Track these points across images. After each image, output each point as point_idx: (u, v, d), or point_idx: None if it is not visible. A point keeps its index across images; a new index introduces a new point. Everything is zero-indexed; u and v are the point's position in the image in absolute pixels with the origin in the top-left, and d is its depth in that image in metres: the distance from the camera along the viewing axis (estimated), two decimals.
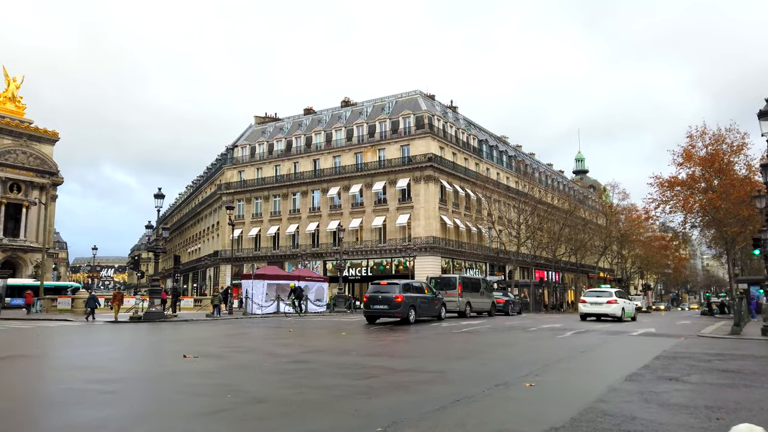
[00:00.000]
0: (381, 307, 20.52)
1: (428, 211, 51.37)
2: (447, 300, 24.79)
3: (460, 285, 26.48)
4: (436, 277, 28.73)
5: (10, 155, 63.36)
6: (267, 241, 59.82)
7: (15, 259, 64.20)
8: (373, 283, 22.46)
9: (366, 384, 7.83)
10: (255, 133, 65.63)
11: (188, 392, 7.31)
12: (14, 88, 66.35)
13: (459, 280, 27.03)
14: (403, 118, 54.29)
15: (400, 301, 20.15)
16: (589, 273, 76.21)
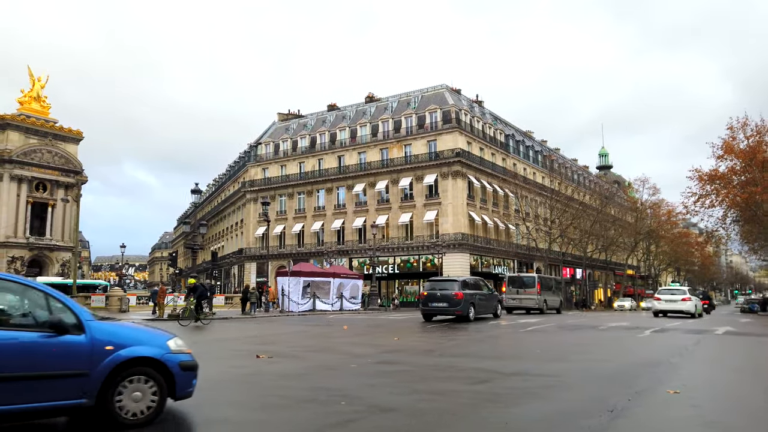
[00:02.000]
0: (440, 304, 20.08)
1: (456, 207, 50.52)
2: (526, 297, 26.10)
3: (539, 284, 27.66)
4: (514, 276, 29.85)
5: (35, 154, 63.57)
6: (292, 239, 59.39)
7: (42, 258, 64.48)
8: (429, 281, 22.28)
9: (487, 389, 7.15)
10: (278, 130, 65.21)
11: (290, 397, 6.68)
12: (39, 88, 66.55)
13: (538, 280, 28.18)
14: (430, 112, 53.46)
15: (460, 298, 19.69)
16: (615, 270, 74.95)
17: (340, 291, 32.53)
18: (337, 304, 32.10)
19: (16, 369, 4.46)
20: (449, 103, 53.05)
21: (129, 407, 4.93)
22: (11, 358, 4.45)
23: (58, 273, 63.14)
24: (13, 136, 62.49)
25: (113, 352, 4.91)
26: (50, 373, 4.63)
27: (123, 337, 5.16)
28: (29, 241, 63.05)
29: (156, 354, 5.20)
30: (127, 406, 4.92)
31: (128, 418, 4.90)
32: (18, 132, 62.86)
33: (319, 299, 30.84)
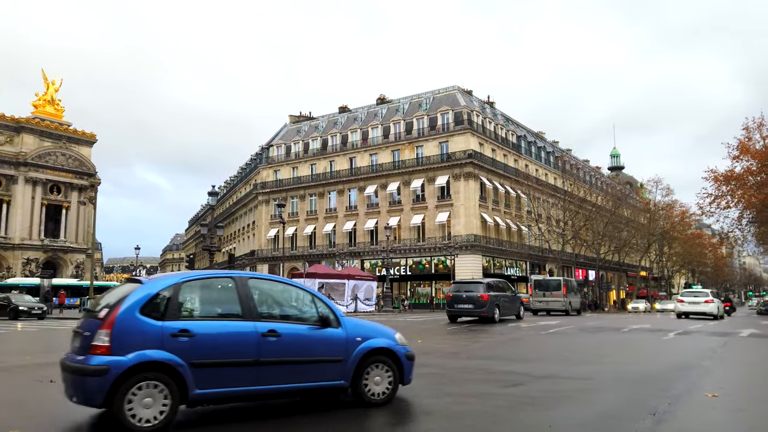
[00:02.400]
0: (466, 306, 20.56)
1: (468, 209, 50.43)
2: (552, 300, 27.31)
3: (564, 287, 28.66)
4: (540, 279, 30.85)
5: (50, 157, 64.23)
6: (303, 241, 59.53)
7: (56, 260, 65.06)
8: (455, 282, 22.94)
9: (521, 392, 7.14)
10: (290, 132, 65.44)
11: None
12: (53, 91, 67.28)
13: (564, 282, 29.20)
14: (441, 114, 53.43)
15: (485, 300, 20.14)
16: (628, 272, 74.46)
17: (354, 293, 32.59)
18: (352, 305, 32.15)
19: (298, 354, 5.67)
20: (461, 105, 52.99)
21: (373, 390, 6.04)
22: (296, 346, 5.64)
23: (72, 275, 63.69)
24: (28, 139, 63.19)
25: (361, 343, 6.03)
26: (320, 359, 5.81)
27: (366, 331, 6.27)
28: (44, 243, 63.67)
29: (390, 345, 6.27)
30: (372, 389, 6.04)
31: (373, 398, 6.02)
32: (33, 135, 63.56)
33: (333, 301, 30.81)
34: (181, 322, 5.14)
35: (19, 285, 45.02)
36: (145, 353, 4.87)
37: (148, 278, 5.63)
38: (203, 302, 5.61)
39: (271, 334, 5.46)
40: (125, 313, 4.96)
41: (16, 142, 62.73)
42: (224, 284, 5.77)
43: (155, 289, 5.26)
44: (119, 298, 5.16)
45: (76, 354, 5.09)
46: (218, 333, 5.29)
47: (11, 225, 61.61)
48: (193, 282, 5.62)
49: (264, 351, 5.39)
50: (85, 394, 4.82)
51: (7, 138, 62.26)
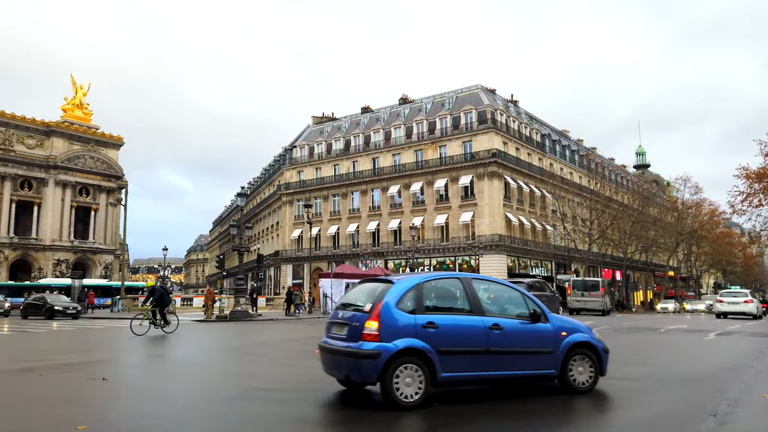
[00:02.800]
0: None
1: (493, 209, 50.09)
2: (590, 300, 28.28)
3: (603, 288, 29.88)
4: (580, 279, 31.59)
5: (79, 160, 65.58)
6: (327, 241, 59.76)
7: (85, 261, 66.39)
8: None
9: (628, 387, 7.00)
10: (313, 133, 65.78)
11: None
12: (81, 96, 68.68)
13: (603, 283, 30.43)
14: (465, 113, 53.17)
15: None
16: (655, 271, 73.22)
17: None
18: None
19: (517, 345, 6.46)
20: (484, 104, 52.67)
21: (578, 378, 6.75)
22: (515, 338, 6.43)
23: (101, 275, 64.96)
24: (58, 142, 64.62)
25: (566, 337, 6.75)
26: (534, 350, 6.60)
27: (570, 326, 6.98)
28: (73, 244, 65.02)
29: (590, 339, 6.91)
30: (577, 378, 6.75)
31: (579, 386, 6.71)
32: (62, 138, 64.98)
33: None
34: (427, 316, 6.12)
35: (51, 285, 46.05)
36: (408, 341, 5.90)
37: (397, 279, 6.54)
38: (439, 299, 6.55)
39: (496, 328, 6.33)
40: (386, 307, 5.98)
41: (47, 145, 64.18)
42: (453, 284, 6.78)
43: (405, 288, 6.25)
44: (377, 295, 6.22)
45: (341, 341, 6.25)
46: (455, 325, 6.22)
47: (42, 227, 63.04)
48: (430, 282, 6.62)
49: (491, 342, 6.25)
50: (361, 373, 5.95)
51: (38, 141, 63.75)
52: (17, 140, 62.00)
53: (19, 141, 62.22)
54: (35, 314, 28.40)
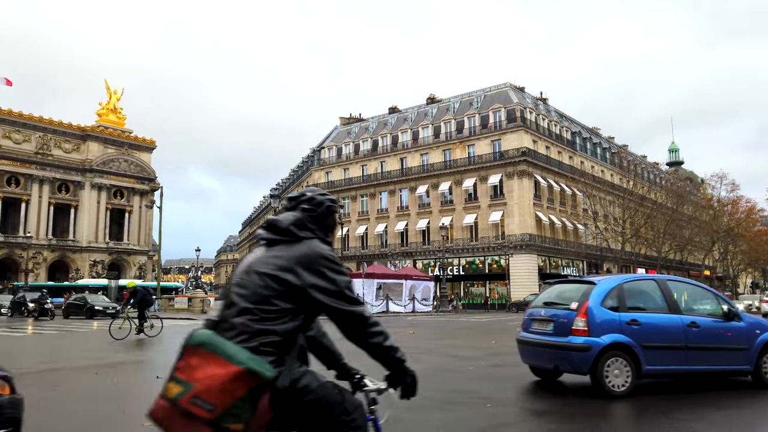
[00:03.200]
0: None
1: (522, 208, 49.62)
2: None
3: None
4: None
5: (113, 163, 67.14)
6: (355, 241, 59.97)
7: (120, 261, 67.95)
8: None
9: None
10: (341, 134, 66.13)
11: (430, 398, 6.67)
12: (115, 101, 70.27)
13: None
14: (493, 112, 52.80)
15: None
16: (690, 271, 71.48)
17: (412, 293, 32.59)
18: (410, 305, 32.17)
19: (714, 342, 7.01)
20: (513, 102, 52.20)
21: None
22: (711, 336, 7.01)
23: (135, 276, 66.31)
24: (93, 146, 66.26)
25: (760, 335, 7.24)
26: (729, 347, 7.12)
27: (762, 325, 7.48)
28: (109, 245, 66.59)
29: None
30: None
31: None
32: (97, 143, 66.61)
33: (391, 301, 30.98)
34: (629, 314, 6.77)
35: (89, 286, 47.26)
36: (615, 336, 6.57)
37: (598, 280, 7.21)
38: (638, 298, 7.17)
39: (693, 326, 6.90)
40: (592, 306, 6.69)
41: (82, 149, 65.89)
42: (650, 285, 7.39)
43: (608, 288, 6.95)
44: (582, 294, 6.95)
45: (546, 335, 7.11)
46: (656, 323, 6.83)
47: (79, 229, 64.73)
48: (629, 283, 7.34)
49: (690, 338, 6.84)
50: (572, 364, 6.74)
51: (74, 146, 65.49)
52: (54, 145, 63.80)
53: (57, 145, 64.00)
54: (77, 314, 29.17)
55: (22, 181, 61.35)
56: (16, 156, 60.57)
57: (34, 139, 62.33)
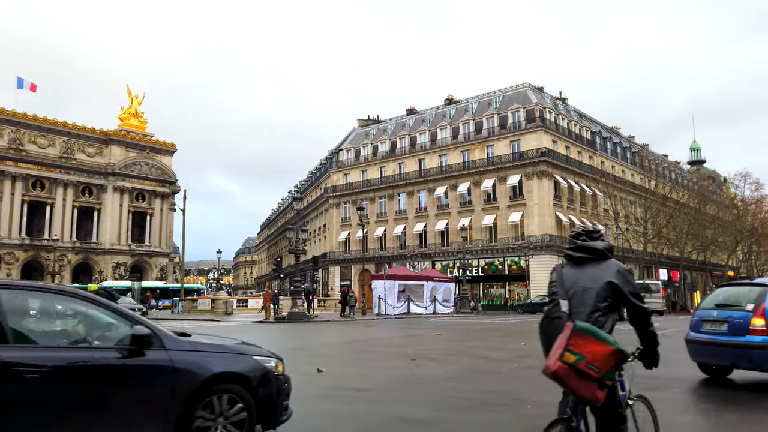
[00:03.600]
0: None
1: (542, 208, 49.31)
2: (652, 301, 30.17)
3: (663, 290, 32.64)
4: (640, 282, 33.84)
5: (135, 167, 68.18)
6: (373, 243, 60.06)
7: (142, 264, 68.94)
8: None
9: (670, 396, 6.95)
10: (359, 136, 66.33)
11: (470, 399, 6.73)
12: (137, 105, 71.37)
13: (662, 286, 33.08)
14: (512, 112, 52.56)
15: None
16: (713, 271, 70.38)
17: (433, 294, 32.59)
18: (431, 307, 32.18)
19: None
20: (532, 102, 51.94)
21: None
22: None
23: (156, 278, 67.29)
24: (116, 150, 67.38)
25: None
26: None
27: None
28: (131, 247, 67.61)
29: None
30: None
31: None
32: (119, 146, 67.73)
33: (413, 302, 31.02)
34: None
35: (113, 288, 48.05)
36: None
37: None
38: None
39: None
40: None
41: (105, 153, 67.04)
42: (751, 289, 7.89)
43: None
44: (757, 296, 7.44)
45: (721, 335, 7.62)
46: None
47: (102, 231, 65.85)
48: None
49: None
50: (752, 362, 7.28)
51: (97, 150, 66.65)
52: (78, 149, 65.00)
53: (80, 150, 65.20)
54: None
55: (47, 185, 62.60)
56: (42, 160, 61.83)
57: (59, 144, 63.57)
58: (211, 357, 4.40)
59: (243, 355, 4.61)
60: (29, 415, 3.57)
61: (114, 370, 3.93)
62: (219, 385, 4.28)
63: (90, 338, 4.19)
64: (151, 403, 4.06)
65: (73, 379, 3.80)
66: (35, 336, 4.06)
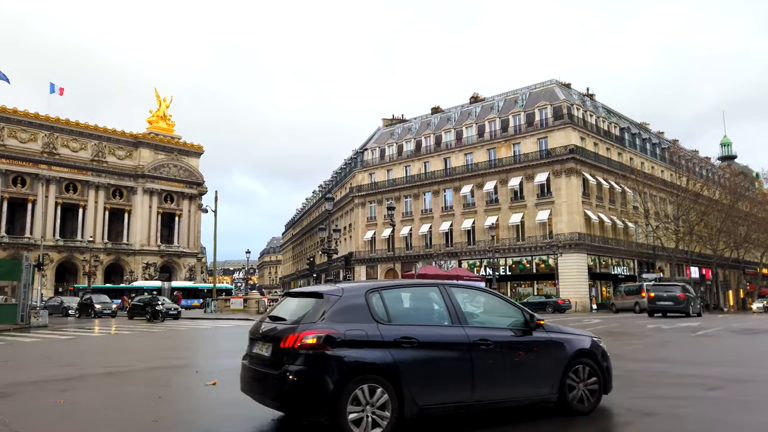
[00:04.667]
0: (666, 303, 26.58)
1: (571, 206, 48.77)
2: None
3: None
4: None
5: (163, 169, 69.36)
6: (400, 242, 60.11)
7: (171, 264, 70.10)
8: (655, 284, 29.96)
9: (727, 396, 6.92)
10: (383, 136, 66.43)
11: None
12: (165, 108, 72.59)
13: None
14: (539, 109, 52.10)
15: (683, 298, 26.24)
16: (746, 269, 68.82)
17: None
18: None
19: None
20: (560, 99, 51.40)
21: None
22: None
23: (185, 278, 68.38)
24: (145, 153, 68.65)
25: None
26: None
27: None
28: (160, 248, 68.83)
29: None
30: None
31: None
32: (149, 149, 68.99)
33: None
34: None
35: (144, 288, 48.99)
36: None
37: None
38: None
39: None
40: None
41: (135, 156, 68.34)
42: None
43: None
44: None
45: None
46: None
47: (132, 232, 67.17)
48: None
49: None
50: None
51: (127, 153, 67.97)
52: (109, 152, 66.39)
53: (111, 153, 66.57)
54: (140, 315, 30.27)
55: (79, 188, 64.05)
56: (74, 163, 63.30)
57: (90, 147, 65.00)
58: (571, 337, 5.98)
59: (586, 336, 6.11)
60: (483, 372, 5.23)
61: (519, 344, 5.57)
62: (579, 358, 5.83)
63: (502, 323, 5.74)
64: (543, 367, 5.64)
65: (501, 349, 5.40)
66: (478, 320, 5.64)
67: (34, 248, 54.70)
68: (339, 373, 4.57)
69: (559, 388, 5.62)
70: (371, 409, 4.65)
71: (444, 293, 5.49)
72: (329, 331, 4.70)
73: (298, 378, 4.56)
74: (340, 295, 5.05)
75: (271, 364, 4.85)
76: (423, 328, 5.17)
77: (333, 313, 4.88)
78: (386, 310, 5.11)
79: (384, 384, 4.72)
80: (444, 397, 5.03)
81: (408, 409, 4.78)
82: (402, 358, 4.82)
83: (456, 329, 5.26)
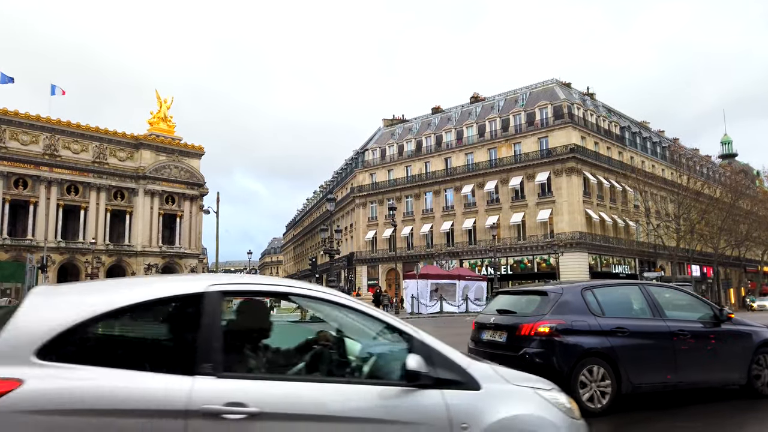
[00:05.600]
0: None
1: (572, 205, 48.87)
2: None
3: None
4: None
5: (165, 170, 69.41)
6: (401, 242, 60.14)
7: (172, 265, 70.14)
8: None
9: None
10: (384, 136, 66.53)
11: None
12: (165, 109, 72.62)
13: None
14: (540, 109, 52.19)
15: None
16: (747, 267, 68.89)
17: (465, 293, 32.60)
18: (463, 306, 32.19)
19: None
20: (560, 98, 51.50)
21: None
22: None
23: None
24: (146, 154, 68.69)
25: None
26: None
27: None
28: (162, 249, 68.86)
29: None
30: None
31: None
32: (150, 150, 69.03)
33: (445, 301, 31.06)
34: None
35: None
36: None
37: None
38: None
39: None
40: None
41: (136, 157, 68.40)
42: None
43: None
44: None
45: None
46: None
47: (133, 234, 67.21)
48: None
49: None
50: None
51: (128, 154, 68.05)
52: (110, 153, 66.45)
53: (112, 154, 66.64)
54: None
55: (80, 189, 64.09)
56: (75, 165, 63.36)
57: (91, 149, 65.04)
58: (757, 329, 6.87)
59: (760, 328, 6.98)
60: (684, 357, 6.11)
61: (712, 334, 6.46)
62: (764, 348, 6.65)
63: (693, 316, 6.64)
64: (734, 354, 6.49)
65: (697, 338, 6.37)
66: (674, 314, 6.52)
67: (36, 250, 54.72)
68: (569, 354, 5.68)
69: (747, 372, 6.47)
70: (595, 385, 5.68)
71: (644, 291, 6.52)
72: (559, 321, 5.83)
73: (536, 357, 5.69)
74: (561, 293, 6.24)
75: (507, 348, 6.07)
76: (631, 320, 6.19)
77: (557, 307, 5.99)
78: (599, 304, 6.12)
79: (603, 365, 5.72)
80: (652, 377, 6.02)
81: (624, 386, 5.77)
82: (617, 344, 5.82)
83: (657, 321, 6.22)
